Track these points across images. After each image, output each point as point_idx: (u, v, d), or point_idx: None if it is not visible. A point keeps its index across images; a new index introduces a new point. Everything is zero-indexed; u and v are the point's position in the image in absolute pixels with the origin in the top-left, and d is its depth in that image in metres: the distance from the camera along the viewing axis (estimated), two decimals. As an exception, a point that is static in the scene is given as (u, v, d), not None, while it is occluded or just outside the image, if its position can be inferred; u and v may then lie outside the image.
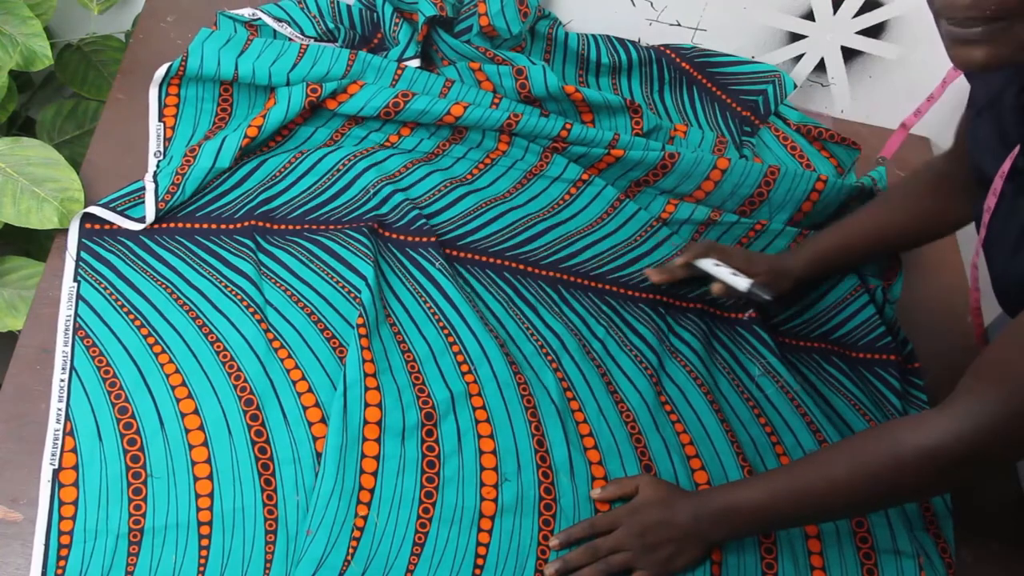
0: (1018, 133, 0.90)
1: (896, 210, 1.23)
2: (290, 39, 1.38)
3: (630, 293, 1.25)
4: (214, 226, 1.17)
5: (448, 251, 1.22)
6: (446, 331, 1.13)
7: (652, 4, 1.48)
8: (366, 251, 1.16)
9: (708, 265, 1.22)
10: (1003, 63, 0.74)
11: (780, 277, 1.24)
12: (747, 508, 0.97)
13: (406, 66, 1.33)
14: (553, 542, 1.00)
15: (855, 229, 1.26)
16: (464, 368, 1.10)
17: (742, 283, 1.19)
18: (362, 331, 1.07)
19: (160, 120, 1.25)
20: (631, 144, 1.32)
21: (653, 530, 0.99)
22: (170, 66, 1.26)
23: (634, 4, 1.49)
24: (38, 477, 0.95)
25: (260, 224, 1.18)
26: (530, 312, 1.19)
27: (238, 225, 1.17)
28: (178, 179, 1.16)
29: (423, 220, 1.22)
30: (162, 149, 1.23)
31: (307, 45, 1.30)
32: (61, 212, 1.10)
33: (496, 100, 1.32)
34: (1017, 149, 0.89)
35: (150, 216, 1.14)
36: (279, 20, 1.39)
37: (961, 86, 1.07)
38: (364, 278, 1.13)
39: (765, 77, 1.51)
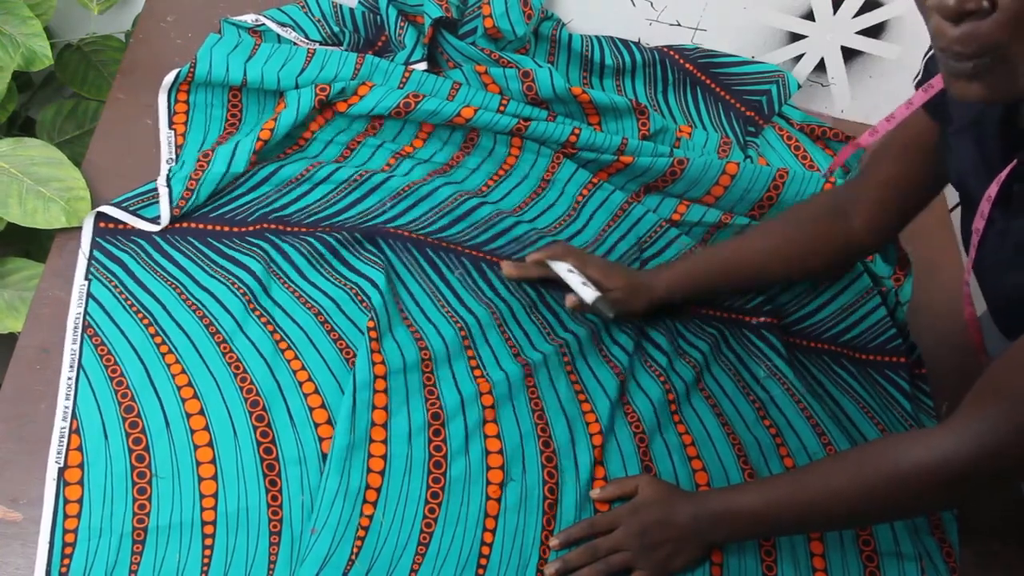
0: (1002, 159, 0.88)
1: (788, 237, 1.17)
2: (295, 44, 1.38)
3: None
4: (226, 228, 1.17)
5: (470, 251, 1.22)
6: (463, 332, 1.13)
7: (652, 4, 1.48)
8: (375, 259, 1.16)
9: (561, 269, 1.18)
10: (1003, 98, 0.71)
11: (636, 294, 1.19)
12: (747, 513, 0.97)
13: (413, 69, 1.32)
14: (553, 542, 1.00)
15: (738, 255, 1.19)
16: (477, 372, 1.10)
17: (588, 294, 1.15)
18: (372, 334, 1.07)
19: (170, 127, 1.25)
20: (639, 150, 1.32)
21: (652, 530, 0.99)
22: (178, 73, 1.26)
23: (634, 4, 1.49)
24: (38, 477, 0.94)
25: (272, 227, 1.17)
26: (549, 315, 1.19)
27: (250, 228, 1.17)
28: (192, 184, 1.15)
29: (439, 231, 1.22)
30: (174, 156, 1.22)
31: (314, 49, 1.30)
32: (68, 211, 1.10)
33: (504, 102, 1.32)
34: (1005, 174, 0.86)
35: (165, 220, 1.14)
36: (283, 25, 1.39)
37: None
38: (373, 282, 1.13)
39: (769, 77, 1.51)
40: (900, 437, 0.92)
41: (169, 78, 1.26)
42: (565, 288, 1.18)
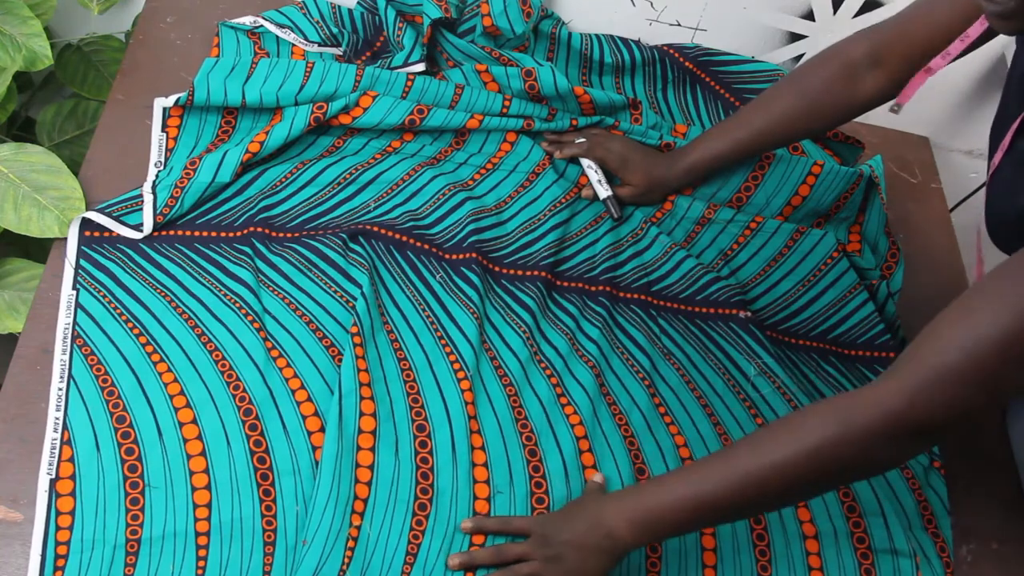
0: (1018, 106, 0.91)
1: (795, 114, 1.22)
2: (294, 45, 1.38)
3: (621, 295, 1.25)
4: (214, 234, 1.17)
5: (450, 256, 1.22)
6: (443, 340, 1.13)
7: (652, 4, 1.48)
8: (361, 260, 1.16)
9: (585, 164, 1.34)
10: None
11: (652, 190, 1.32)
12: (671, 504, 0.91)
13: (415, 77, 1.31)
14: (465, 524, 0.99)
15: (745, 144, 1.26)
16: (460, 375, 1.10)
17: (601, 192, 1.32)
18: (356, 339, 1.07)
19: (163, 130, 1.25)
20: (630, 132, 1.35)
21: (557, 542, 0.95)
22: (178, 98, 1.25)
23: (634, 4, 1.48)
24: (38, 478, 0.95)
25: (259, 231, 1.17)
26: (528, 316, 1.19)
27: (238, 233, 1.17)
28: (177, 192, 1.15)
29: (422, 231, 1.22)
30: (163, 159, 1.22)
31: (313, 63, 1.29)
32: (61, 221, 1.11)
33: (506, 102, 1.33)
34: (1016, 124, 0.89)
35: (147, 228, 1.13)
36: (281, 27, 1.39)
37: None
38: (360, 286, 1.13)
39: (768, 76, 1.51)
40: (840, 399, 0.87)
41: (169, 101, 1.26)
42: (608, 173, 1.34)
